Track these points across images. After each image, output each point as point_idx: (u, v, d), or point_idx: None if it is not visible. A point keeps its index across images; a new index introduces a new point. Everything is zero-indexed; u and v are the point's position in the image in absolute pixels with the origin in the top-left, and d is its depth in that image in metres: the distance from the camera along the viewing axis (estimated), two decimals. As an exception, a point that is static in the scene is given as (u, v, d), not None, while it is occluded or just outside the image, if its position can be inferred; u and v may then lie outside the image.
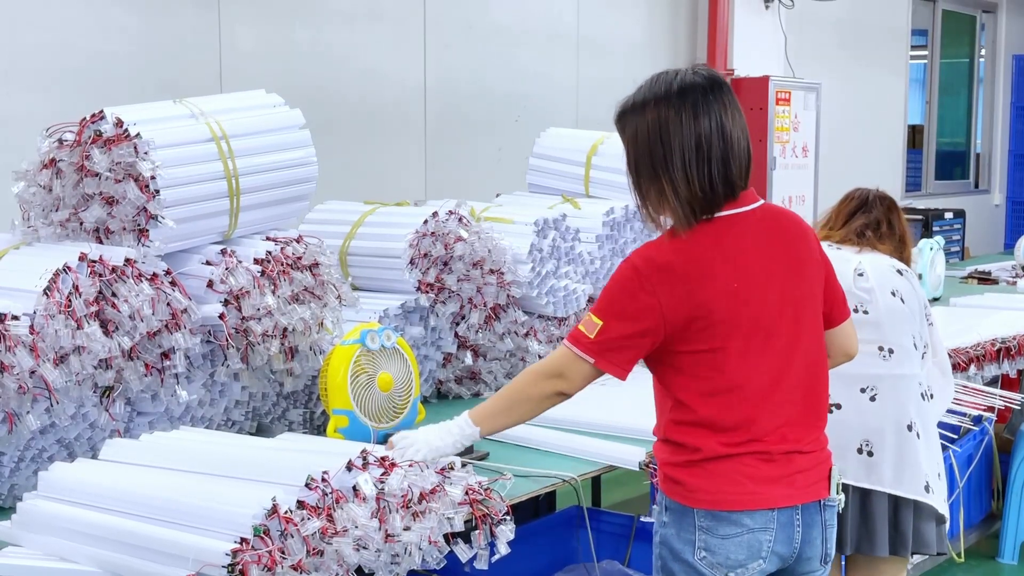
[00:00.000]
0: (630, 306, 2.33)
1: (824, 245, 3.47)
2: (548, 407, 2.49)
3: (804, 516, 2.40)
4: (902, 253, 3.51)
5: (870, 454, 3.24)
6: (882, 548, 3.26)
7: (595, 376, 2.41)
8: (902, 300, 3.36)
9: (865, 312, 3.31)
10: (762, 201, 2.45)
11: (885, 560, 3.31)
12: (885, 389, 3.27)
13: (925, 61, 10.63)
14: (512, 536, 2.51)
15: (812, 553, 2.43)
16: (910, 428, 3.28)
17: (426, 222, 3.71)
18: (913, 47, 10.23)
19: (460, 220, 3.75)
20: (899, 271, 3.42)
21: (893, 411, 3.27)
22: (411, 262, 3.67)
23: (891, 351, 3.31)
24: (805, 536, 2.40)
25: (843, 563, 3.56)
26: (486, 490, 2.52)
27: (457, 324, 3.75)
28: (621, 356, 2.36)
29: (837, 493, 2.47)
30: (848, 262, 3.38)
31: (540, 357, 3.94)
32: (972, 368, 4.46)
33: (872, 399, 3.26)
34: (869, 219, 3.52)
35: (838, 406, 3.23)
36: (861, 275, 3.36)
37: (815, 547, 2.43)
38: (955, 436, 4.15)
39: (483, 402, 2.59)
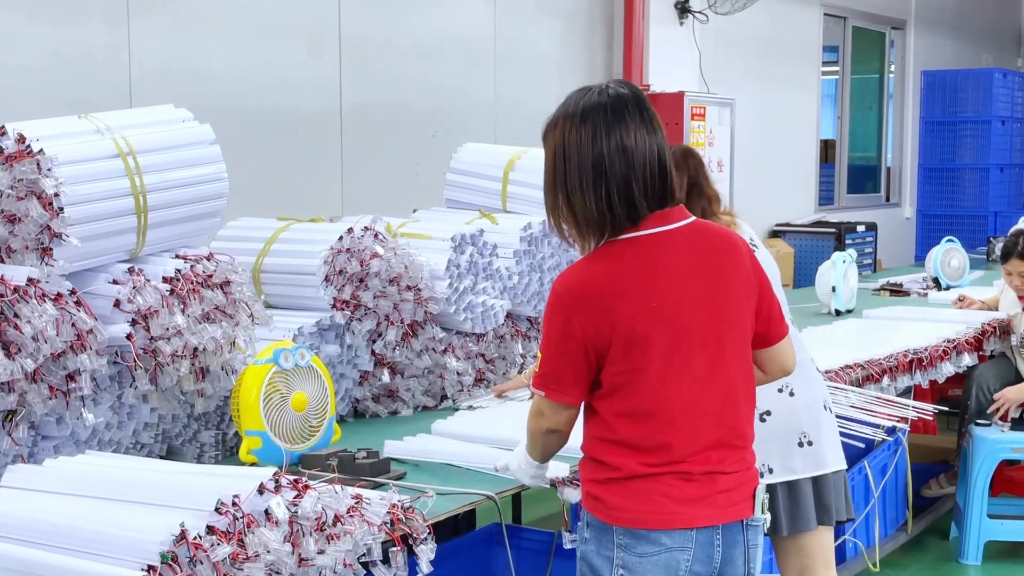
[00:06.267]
0: (558, 333, 2.36)
1: None
2: (555, 441, 2.54)
3: (725, 536, 2.38)
4: (717, 213, 3.39)
5: (810, 443, 3.29)
6: (812, 522, 3.32)
7: (563, 410, 2.44)
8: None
9: None
10: (693, 218, 2.42)
11: (812, 533, 3.35)
12: (797, 381, 3.28)
13: (836, 77, 10.80)
14: (433, 556, 2.48)
15: (734, 572, 2.41)
16: (826, 407, 3.37)
17: (341, 238, 3.66)
18: (824, 63, 10.40)
19: (376, 236, 3.72)
20: (753, 246, 3.32)
21: (811, 397, 3.33)
22: (326, 279, 3.62)
23: None
24: (726, 556, 2.39)
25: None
26: (407, 509, 2.49)
27: (374, 342, 3.70)
28: (564, 384, 2.39)
29: (763, 512, 2.45)
30: None
31: (459, 374, 3.92)
32: (885, 379, 4.52)
33: (791, 394, 3.29)
34: (709, 201, 3.37)
35: (768, 413, 3.26)
36: None
37: (736, 566, 2.42)
38: (871, 440, 4.19)
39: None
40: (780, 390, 3.28)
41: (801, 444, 3.29)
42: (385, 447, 3.19)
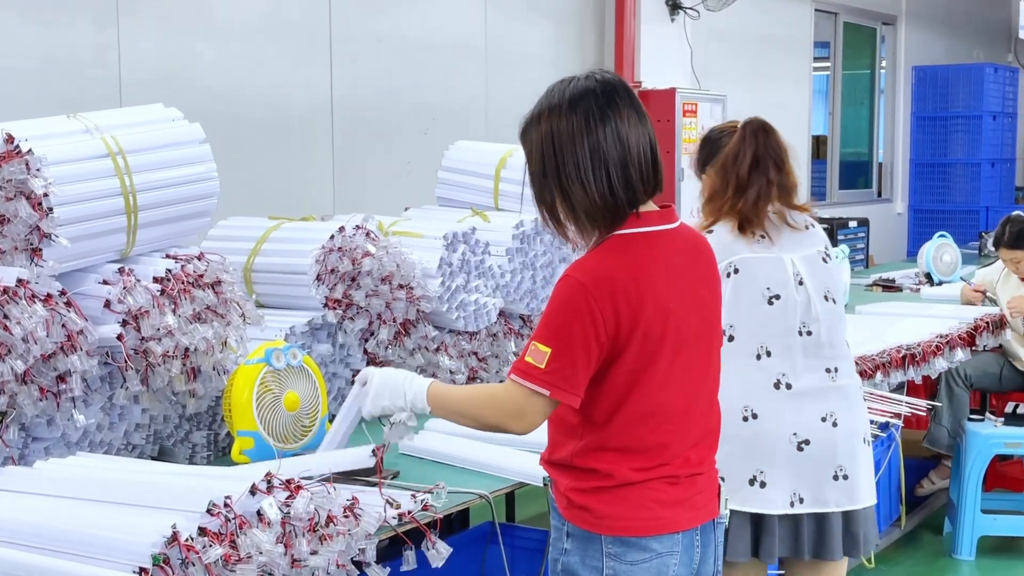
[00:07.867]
0: (578, 326, 2.20)
1: (727, 234, 3.07)
2: (491, 432, 2.43)
3: (703, 536, 2.38)
4: (795, 204, 3.16)
5: (846, 478, 3.09)
6: (837, 553, 3.13)
7: (551, 409, 2.27)
8: (834, 301, 3.13)
9: (809, 333, 3.07)
10: (680, 221, 2.40)
11: (835, 563, 3.17)
12: (841, 411, 3.10)
13: (828, 73, 10.79)
14: (449, 550, 2.55)
15: (706, 571, 2.41)
16: (865, 440, 3.17)
17: (332, 237, 3.65)
18: (816, 59, 10.40)
19: (368, 235, 3.70)
20: (824, 257, 3.13)
21: (853, 429, 3.12)
22: (318, 278, 3.61)
23: (836, 368, 3.12)
24: (703, 555, 2.38)
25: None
26: (423, 504, 2.57)
27: (366, 341, 3.69)
28: (575, 382, 2.22)
29: (725, 509, 2.45)
30: (781, 266, 3.07)
31: (452, 372, 3.90)
32: (879, 375, 4.52)
33: (834, 425, 3.08)
34: (769, 184, 3.11)
35: (807, 442, 3.06)
36: (801, 284, 3.07)
37: (708, 565, 2.41)
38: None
39: (448, 387, 2.47)
40: (824, 419, 3.07)
41: (836, 477, 3.07)
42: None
